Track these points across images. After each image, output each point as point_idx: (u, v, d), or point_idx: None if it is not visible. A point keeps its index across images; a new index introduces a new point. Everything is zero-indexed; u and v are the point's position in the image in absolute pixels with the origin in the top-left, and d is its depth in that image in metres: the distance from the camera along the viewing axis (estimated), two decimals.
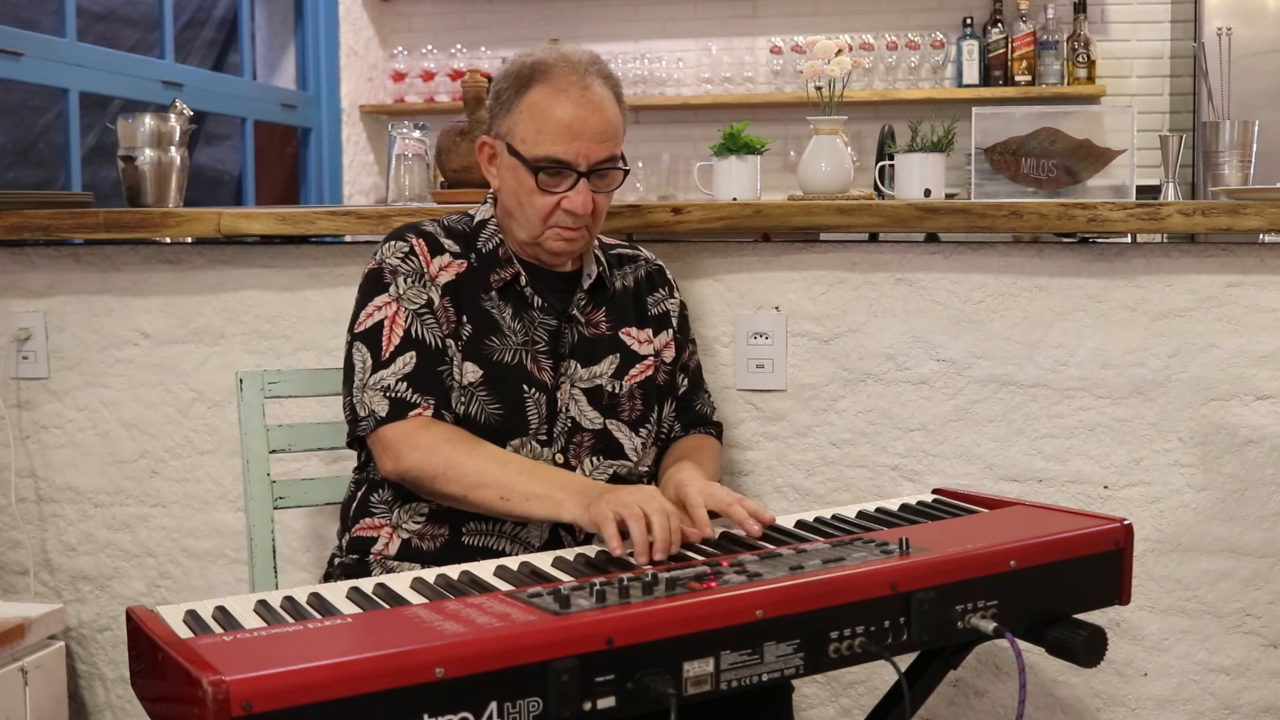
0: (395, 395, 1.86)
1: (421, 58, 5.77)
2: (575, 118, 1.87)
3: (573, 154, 1.87)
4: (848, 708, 2.38)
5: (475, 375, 1.90)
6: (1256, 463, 2.24)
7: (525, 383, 1.92)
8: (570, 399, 1.95)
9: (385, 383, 1.87)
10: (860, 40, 5.33)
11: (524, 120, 1.89)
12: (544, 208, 1.90)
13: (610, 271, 2.05)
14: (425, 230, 1.97)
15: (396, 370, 1.87)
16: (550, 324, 1.96)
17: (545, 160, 1.88)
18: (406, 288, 1.91)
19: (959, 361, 2.31)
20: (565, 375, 1.96)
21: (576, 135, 1.87)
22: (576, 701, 1.28)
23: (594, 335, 2.00)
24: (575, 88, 1.88)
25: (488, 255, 1.97)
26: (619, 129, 1.93)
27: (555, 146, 1.87)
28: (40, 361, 2.57)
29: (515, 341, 1.94)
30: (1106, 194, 2.39)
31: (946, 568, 1.51)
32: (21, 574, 2.60)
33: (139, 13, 4.69)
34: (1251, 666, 2.27)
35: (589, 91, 1.88)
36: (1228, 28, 2.80)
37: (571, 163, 1.88)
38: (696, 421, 2.13)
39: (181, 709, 1.21)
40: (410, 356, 1.88)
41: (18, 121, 4.23)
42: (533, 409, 1.92)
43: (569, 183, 1.88)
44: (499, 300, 1.95)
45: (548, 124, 1.87)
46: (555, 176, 1.88)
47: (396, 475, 1.86)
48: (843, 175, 2.60)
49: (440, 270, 1.94)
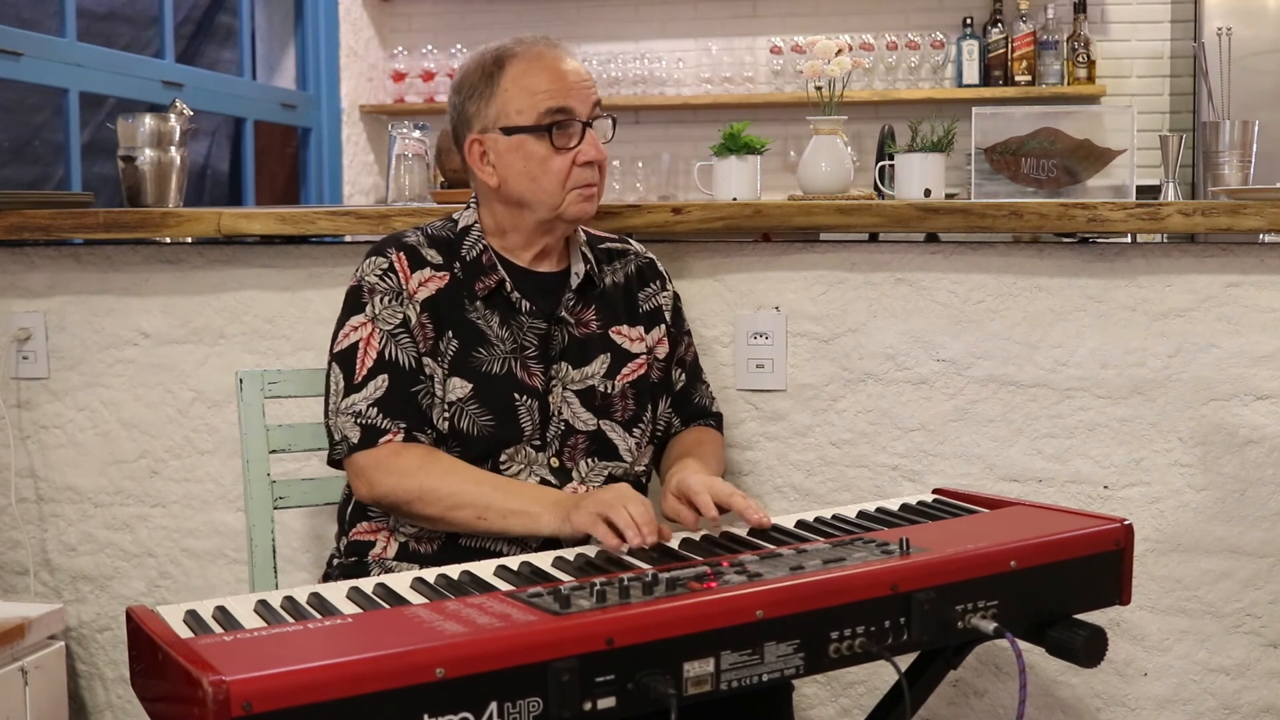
0: (366, 421, 1.87)
1: (421, 58, 5.77)
2: (560, 72, 1.93)
3: (573, 101, 1.92)
4: (848, 708, 2.38)
5: (464, 390, 1.90)
6: (1256, 463, 2.24)
7: (516, 391, 1.92)
8: (563, 402, 1.95)
9: (357, 408, 1.88)
10: (860, 40, 5.33)
11: (513, 95, 1.92)
12: (560, 170, 1.91)
13: (599, 268, 2.04)
14: (407, 243, 1.96)
15: (368, 395, 1.88)
16: (539, 327, 1.95)
17: (551, 113, 1.91)
18: (382, 308, 1.91)
19: (959, 361, 2.31)
20: (556, 378, 1.95)
21: (569, 86, 1.92)
22: (576, 701, 1.28)
23: (584, 335, 1.99)
24: (547, 51, 1.95)
25: (471, 263, 1.96)
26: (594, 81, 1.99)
27: (556, 98, 1.91)
28: (40, 361, 2.57)
29: (503, 350, 1.93)
30: (1106, 194, 2.39)
31: (946, 568, 1.51)
32: (21, 574, 2.60)
33: (139, 12, 4.69)
34: (1251, 666, 2.27)
35: (558, 50, 1.96)
36: (1228, 28, 2.80)
37: (575, 111, 1.92)
38: (696, 415, 2.13)
39: (181, 709, 1.21)
40: (383, 380, 1.88)
41: (13, 120, 4.23)
42: (525, 416, 1.91)
43: (578, 134, 1.92)
44: (485, 309, 1.94)
45: (539, 85, 1.91)
46: (565, 132, 1.91)
47: (372, 500, 1.87)
48: (843, 175, 2.60)
49: (420, 286, 1.93)
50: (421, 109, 5.65)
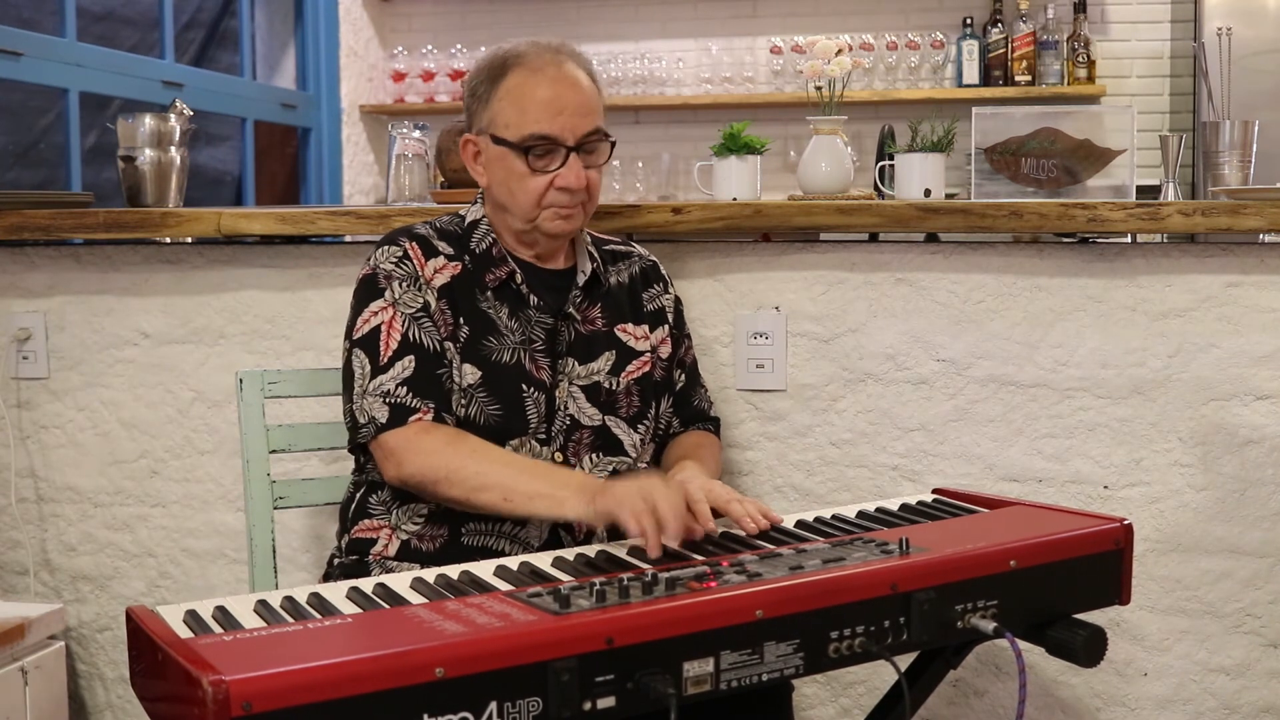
0: (395, 401, 1.86)
1: (421, 58, 5.77)
2: (555, 94, 1.89)
3: (559, 129, 1.88)
4: (848, 708, 2.38)
5: (474, 377, 1.90)
6: (1256, 463, 2.24)
7: (524, 382, 1.92)
8: (569, 396, 1.95)
9: (385, 388, 1.86)
10: (860, 40, 5.33)
11: (505, 106, 1.90)
12: (537, 190, 1.90)
13: (604, 268, 2.06)
14: (418, 233, 1.97)
15: (395, 375, 1.87)
16: (547, 322, 1.96)
17: (533, 138, 1.88)
18: (402, 291, 1.91)
19: (959, 361, 2.31)
20: (563, 373, 1.96)
21: (560, 110, 1.88)
22: (576, 701, 1.28)
23: (590, 332, 2.00)
24: (550, 66, 1.90)
25: (482, 255, 1.96)
26: (598, 103, 1.94)
27: (540, 124, 1.88)
28: (40, 361, 2.57)
29: (513, 341, 1.93)
30: (1106, 194, 2.39)
31: (946, 568, 1.51)
32: (21, 574, 2.60)
33: (139, 13, 4.69)
34: (1251, 666, 2.27)
35: (563, 69, 1.90)
36: (1228, 28, 2.80)
37: (559, 138, 1.89)
38: (695, 417, 2.14)
39: (181, 709, 1.21)
40: (409, 361, 1.88)
41: (19, 123, 4.23)
42: (531, 408, 1.92)
43: (559, 159, 1.89)
44: (495, 300, 1.94)
45: (530, 103, 1.88)
46: (545, 156, 1.89)
47: (399, 481, 1.85)
48: (843, 175, 2.60)
49: (435, 273, 1.93)
50: (421, 109, 5.65)
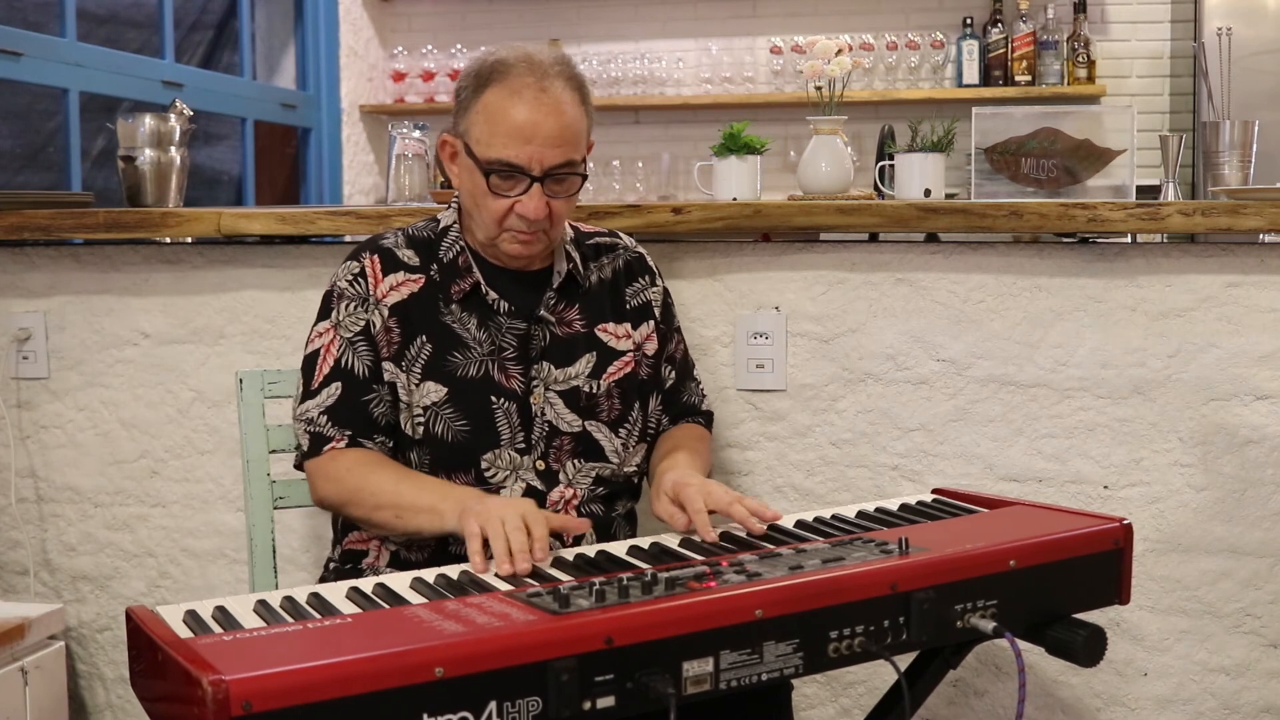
0: (314, 430, 1.89)
1: (421, 58, 5.77)
2: (529, 121, 1.80)
3: (525, 158, 1.81)
4: (848, 708, 2.38)
5: (439, 394, 1.89)
6: (1256, 463, 2.24)
7: (493, 394, 1.90)
8: (545, 403, 1.92)
9: (309, 414, 1.90)
10: (860, 40, 5.33)
11: (479, 121, 1.84)
12: (497, 211, 1.85)
13: (585, 264, 2.01)
14: (383, 246, 1.95)
15: (320, 402, 1.90)
16: (518, 327, 1.93)
17: (497, 163, 1.82)
18: (346, 315, 1.91)
19: (959, 361, 2.31)
20: (538, 379, 1.92)
21: (530, 139, 1.81)
22: (576, 701, 1.28)
23: (567, 335, 1.96)
24: (531, 89, 1.81)
25: (448, 265, 1.93)
26: (579, 133, 1.85)
27: (508, 150, 1.81)
28: (40, 361, 2.57)
29: (480, 353, 1.91)
30: (1106, 194, 2.39)
31: (946, 567, 1.51)
32: (21, 574, 2.60)
33: (143, 15, 4.69)
34: (1251, 666, 2.27)
35: (546, 93, 1.81)
36: (1228, 28, 2.80)
37: (524, 167, 1.82)
38: (685, 413, 2.10)
39: (181, 709, 1.21)
40: (335, 387, 1.89)
41: (26, 126, 4.23)
42: (503, 420, 1.90)
43: (522, 187, 1.83)
44: (461, 312, 1.92)
45: (501, 126, 1.82)
46: (508, 180, 1.83)
47: (319, 505, 1.91)
48: (843, 175, 2.60)
49: (390, 290, 1.92)
50: (421, 109, 5.65)
